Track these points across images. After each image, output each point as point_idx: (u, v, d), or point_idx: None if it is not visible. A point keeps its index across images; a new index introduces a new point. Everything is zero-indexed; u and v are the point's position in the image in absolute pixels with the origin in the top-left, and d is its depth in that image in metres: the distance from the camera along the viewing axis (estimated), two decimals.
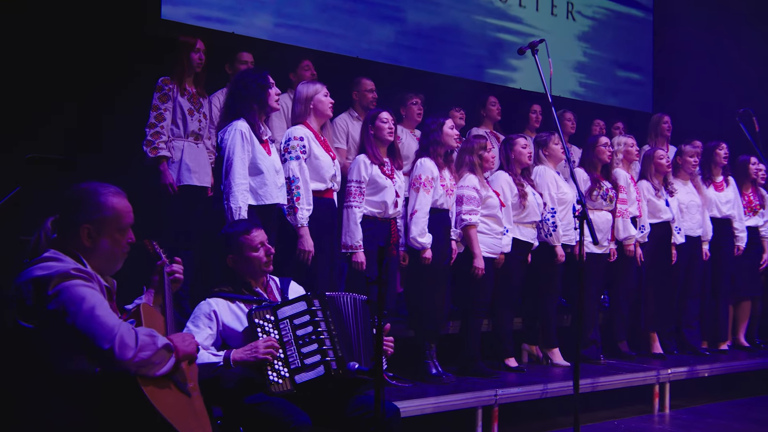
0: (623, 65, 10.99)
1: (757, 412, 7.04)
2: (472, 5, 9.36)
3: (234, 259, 4.04)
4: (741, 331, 8.46)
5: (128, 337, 2.84)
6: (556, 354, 6.95)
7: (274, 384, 3.73)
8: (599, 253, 7.08)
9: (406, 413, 5.03)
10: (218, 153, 5.03)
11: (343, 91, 6.96)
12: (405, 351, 6.02)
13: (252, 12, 7.58)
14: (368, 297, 3.94)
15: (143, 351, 2.87)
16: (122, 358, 2.81)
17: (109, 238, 3.03)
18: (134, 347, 2.84)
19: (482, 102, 8.09)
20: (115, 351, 2.80)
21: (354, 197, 5.61)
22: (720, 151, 8.02)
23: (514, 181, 6.55)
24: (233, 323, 3.93)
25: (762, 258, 8.43)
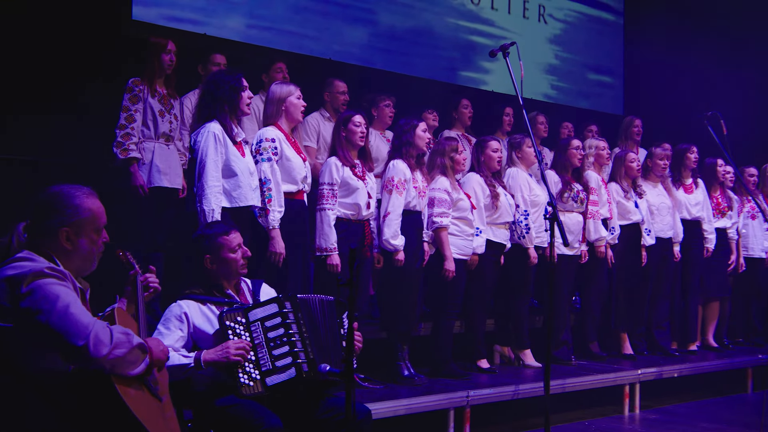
0: (594, 68, 11.07)
1: (726, 412, 7.11)
2: (445, 8, 9.39)
3: (211, 259, 4.02)
4: (710, 332, 8.54)
5: (103, 334, 2.83)
6: (528, 355, 6.99)
7: (245, 386, 3.72)
8: (570, 255, 7.13)
9: (377, 415, 5.03)
10: (191, 155, 4.99)
11: (315, 93, 6.96)
12: (377, 353, 6.04)
13: (224, 13, 7.55)
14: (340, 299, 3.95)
15: (118, 348, 2.86)
16: (97, 354, 2.80)
17: (87, 239, 3.04)
18: (109, 344, 2.83)
19: (454, 104, 8.11)
20: (90, 348, 2.79)
21: (327, 200, 5.60)
22: (690, 154, 8.09)
23: (486, 182, 6.57)
24: (204, 325, 3.91)
25: (730, 259, 8.52)
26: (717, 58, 10.15)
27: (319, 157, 6.71)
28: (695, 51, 10.37)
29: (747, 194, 8.48)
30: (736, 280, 8.79)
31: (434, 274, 6.25)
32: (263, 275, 4.82)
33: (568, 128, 8.89)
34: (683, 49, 10.46)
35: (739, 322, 9.07)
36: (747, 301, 9.04)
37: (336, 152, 5.72)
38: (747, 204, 8.75)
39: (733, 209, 8.56)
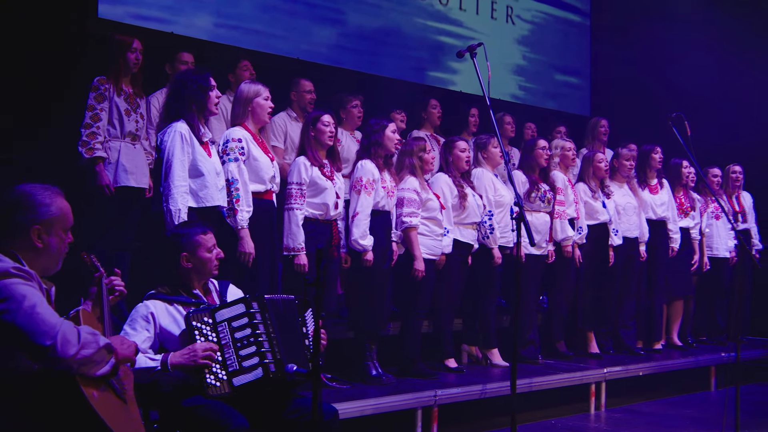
0: (562, 69, 11.15)
1: (690, 409, 7.20)
2: (413, 8, 9.40)
3: (187, 257, 4.00)
4: (674, 331, 8.63)
5: (70, 334, 2.82)
6: (495, 354, 7.02)
7: (212, 387, 3.71)
8: (538, 255, 7.17)
9: (345, 415, 5.03)
10: (157, 154, 4.96)
11: (283, 93, 6.94)
12: (345, 352, 6.05)
13: (191, 12, 7.51)
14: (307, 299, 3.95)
15: (85, 348, 2.84)
16: (64, 354, 2.78)
17: (57, 237, 3.02)
18: (76, 344, 2.81)
19: (423, 104, 8.13)
20: (57, 347, 2.77)
21: (295, 199, 5.59)
22: (655, 154, 8.17)
23: (454, 182, 6.59)
24: (171, 326, 3.89)
25: (693, 259, 8.62)
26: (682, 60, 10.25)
27: (286, 157, 6.69)
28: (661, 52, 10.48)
29: (711, 195, 8.58)
30: (700, 279, 8.90)
31: (403, 274, 6.25)
32: (231, 276, 4.80)
33: (531, 128, 8.95)
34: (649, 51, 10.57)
35: (703, 321, 9.18)
36: (711, 300, 9.16)
37: (305, 152, 5.71)
38: (711, 204, 8.85)
39: (696, 210, 8.66)
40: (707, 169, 8.82)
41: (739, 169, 9.14)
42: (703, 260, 8.77)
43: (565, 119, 9.81)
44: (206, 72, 5.01)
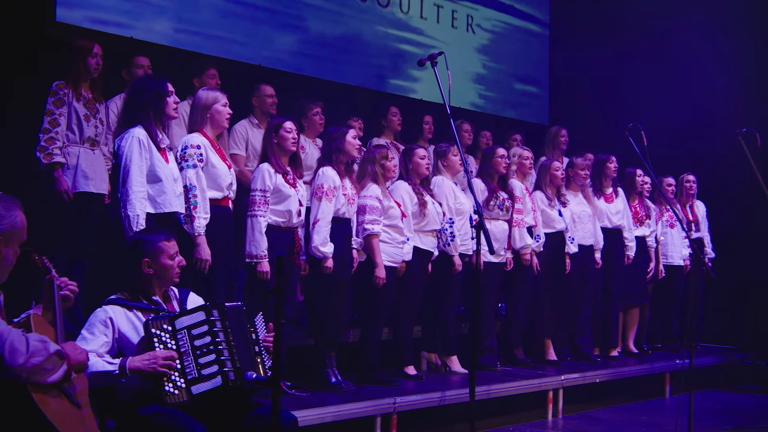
0: (521, 78, 11.25)
1: (645, 416, 7.28)
2: (375, 16, 9.43)
3: (149, 263, 3.97)
4: (630, 338, 8.71)
5: (18, 343, 2.78)
6: (455, 362, 7.04)
7: (170, 395, 3.67)
8: (496, 263, 7.21)
9: (304, 422, 5.02)
10: (115, 160, 4.91)
11: (244, 99, 6.92)
12: (305, 360, 6.03)
13: (151, 17, 7.45)
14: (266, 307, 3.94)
15: (34, 357, 2.81)
16: (12, 363, 2.75)
17: (12, 250, 2.98)
18: (25, 353, 2.79)
19: (383, 112, 8.14)
20: (5, 357, 2.74)
21: (259, 206, 5.56)
22: (610, 164, 8.26)
23: (414, 190, 6.61)
24: (130, 332, 3.86)
25: (649, 267, 8.72)
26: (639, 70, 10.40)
27: (248, 165, 6.66)
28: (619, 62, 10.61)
29: (665, 203, 8.69)
30: (655, 287, 9.00)
31: (363, 281, 6.26)
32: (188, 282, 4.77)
33: (487, 137, 8.99)
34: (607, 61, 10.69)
35: (658, 329, 9.29)
36: (666, 307, 9.26)
37: (268, 159, 5.69)
38: (666, 213, 8.97)
39: (652, 218, 8.77)
40: (662, 178, 8.92)
41: (693, 178, 9.27)
42: (658, 268, 8.86)
43: (524, 128, 9.89)
44: (163, 78, 4.98)
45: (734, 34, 9.62)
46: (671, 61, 10.36)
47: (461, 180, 7.31)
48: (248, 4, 8.21)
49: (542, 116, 11.41)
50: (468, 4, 10.55)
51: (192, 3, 7.77)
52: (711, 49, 10.04)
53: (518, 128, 9.65)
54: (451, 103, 4.90)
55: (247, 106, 6.95)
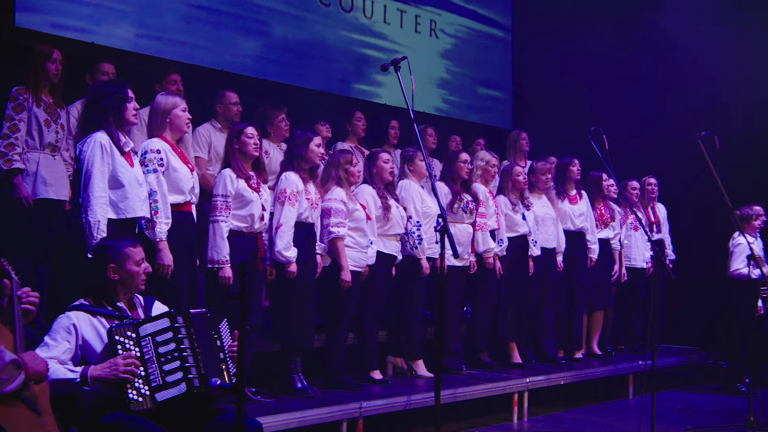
0: (484, 83, 11.30)
1: (609, 417, 7.34)
2: (338, 20, 9.42)
3: (114, 269, 3.93)
4: (594, 340, 8.77)
5: None
6: (420, 366, 7.05)
7: (134, 402, 3.65)
8: (460, 266, 7.23)
9: (269, 428, 5.01)
10: (76, 165, 4.86)
11: (207, 104, 6.89)
12: (270, 365, 6.01)
13: (113, 21, 7.39)
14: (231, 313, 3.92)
15: None
16: None
17: None
18: None
19: (348, 117, 8.14)
20: None
21: (220, 212, 5.54)
22: (572, 167, 8.33)
23: (378, 194, 6.62)
24: (93, 339, 3.82)
25: (613, 269, 8.79)
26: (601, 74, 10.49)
27: (210, 169, 6.63)
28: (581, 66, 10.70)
29: (629, 207, 8.77)
30: (618, 289, 9.08)
31: (327, 286, 6.25)
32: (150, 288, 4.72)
33: (456, 141, 9.04)
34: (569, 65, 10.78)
35: (621, 330, 9.37)
36: (628, 309, 9.36)
37: (230, 164, 5.67)
38: (630, 216, 9.05)
39: (616, 220, 8.84)
40: (625, 182, 9.01)
41: (654, 181, 9.38)
42: (621, 271, 8.95)
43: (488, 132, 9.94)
44: (123, 83, 4.94)
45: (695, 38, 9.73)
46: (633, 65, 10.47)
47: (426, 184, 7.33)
48: (211, 9, 8.17)
49: (505, 120, 11.48)
50: (431, 9, 10.59)
51: (154, 8, 7.72)
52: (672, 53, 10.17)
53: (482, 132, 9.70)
54: (415, 107, 4.92)
55: (210, 111, 6.91)
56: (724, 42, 9.53)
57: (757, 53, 9.48)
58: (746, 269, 7.81)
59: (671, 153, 9.33)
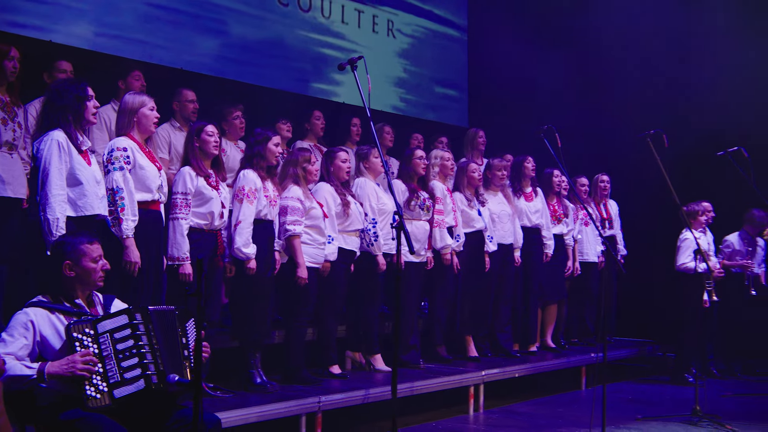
0: (441, 82, 11.35)
1: (562, 408, 7.42)
2: (296, 20, 9.41)
3: (71, 266, 3.90)
4: (548, 334, 8.87)
5: None
6: (378, 360, 7.08)
7: (92, 399, 3.62)
8: (417, 262, 7.26)
9: (229, 423, 5.00)
10: (34, 163, 4.81)
11: (166, 103, 6.84)
12: (229, 361, 5.99)
13: (71, 20, 7.32)
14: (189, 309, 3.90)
15: None
16: None
17: None
18: None
19: (307, 116, 8.13)
20: None
21: (180, 209, 5.53)
22: (527, 164, 8.40)
23: (337, 191, 6.63)
24: (51, 336, 3.78)
25: (566, 264, 8.88)
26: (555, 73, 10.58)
27: (171, 168, 6.59)
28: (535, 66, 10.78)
29: (580, 203, 8.86)
30: (571, 283, 9.17)
31: (286, 282, 6.25)
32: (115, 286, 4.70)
33: (418, 139, 9.06)
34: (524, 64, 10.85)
35: (574, 324, 9.48)
36: (581, 303, 9.45)
37: (189, 162, 5.66)
38: (581, 212, 9.15)
39: (569, 216, 8.93)
40: (576, 178, 9.11)
41: (607, 178, 9.49)
42: (575, 266, 9.04)
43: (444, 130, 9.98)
44: (83, 81, 4.90)
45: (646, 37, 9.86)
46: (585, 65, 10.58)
47: (382, 181, 7.35)
48: (170, 8, 8.12)
49: (462, 119, 11.53)
50: (388, 9, 10.61)
51: (112, 7, 7.65)
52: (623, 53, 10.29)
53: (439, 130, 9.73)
54: (373, 106, 4.93)
55: (170, 110, 6.87)
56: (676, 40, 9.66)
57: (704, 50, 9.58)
58: (692, 263, 7.93)
59: (623, 151, 9.44)
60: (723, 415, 6.94)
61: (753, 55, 9.27)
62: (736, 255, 9.15)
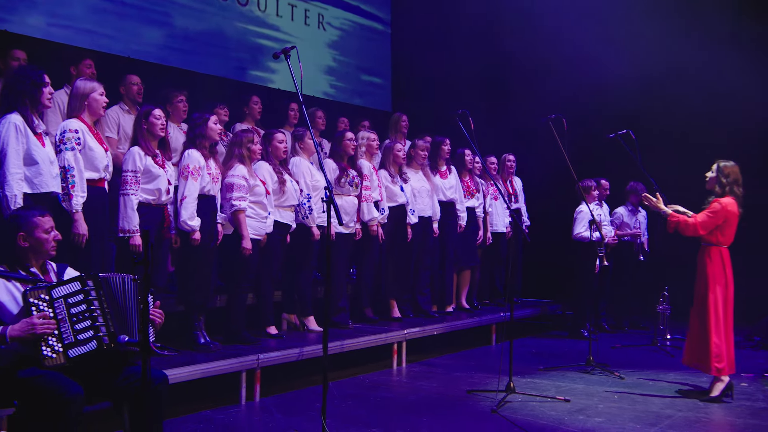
0: (366, 70, 11.36)
1: (474, 360, 7.56)
2: (235, 13, 9.30)
3: (24, 237, 3.84)
4: (463, 296, 8.98)
5: None
6: (311, 321, 7.09)
7: (48, 358, 3.58)
8: (347, 233, 7.29)
9: (175, 379, 4.97)
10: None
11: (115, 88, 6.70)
12: (175, 324, 5.94)
13: (25, 11, 7.12)
14: (137, 276, 3.87)
15: None
16: None
17: None
18: None
19: (245, 101, 8.05)
20: None
21: (130, 185, 5.49)
22: (444, 146, 8.46)
23: (274, 170, 6.60)
24: (9, 302, 3.73)
25: (479, 234, 9.01)
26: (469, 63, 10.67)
27: (119, 147, 6.48)
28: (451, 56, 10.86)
29: (490, 179, 8.97)
30: (483, 251, 9.30)
31: (228, 252, 6.21)
32: (66, 256, 4.62)
33: (344, 122, 9.06)
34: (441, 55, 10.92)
35: (486, 287, 9.62)
36: (491, 268, 9.61)
37: (138, 143, 5.62)
38: (491, 188, 9.27)
39: (480, 192, 9.05)
40: (486, 158, 9.22)
41: (513, 157, 9.62)
42: (486, 235, 9.17)
43: (370, 114, 10.00)
44: (40, 69, 4.83)
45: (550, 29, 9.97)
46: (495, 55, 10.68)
47: (316, 160, 7.33)
48: (117, 1, 7.94)
49: (385, 104, 11.57)
50: (319, 4, 10.55)
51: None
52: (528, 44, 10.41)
53: (365, 114, 9.74)
54: (306, 92, 4.93)
55: (117, 95, 6.73)
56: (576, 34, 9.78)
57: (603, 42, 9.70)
58: (587, 232, 8.14)
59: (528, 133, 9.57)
60: (612, 364, 7.16)
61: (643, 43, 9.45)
62: (625, 226, 9.41)
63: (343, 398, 5.90)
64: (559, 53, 10.23)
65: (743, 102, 8.90)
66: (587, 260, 8.19)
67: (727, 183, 5.97)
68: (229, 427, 5.09)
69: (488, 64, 10.68)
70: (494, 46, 10.66)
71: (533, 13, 10.17)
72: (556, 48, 10.23)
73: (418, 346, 7.62)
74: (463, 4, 10.99)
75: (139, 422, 3.76)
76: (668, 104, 9.53)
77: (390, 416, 5.40)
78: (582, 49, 9.91)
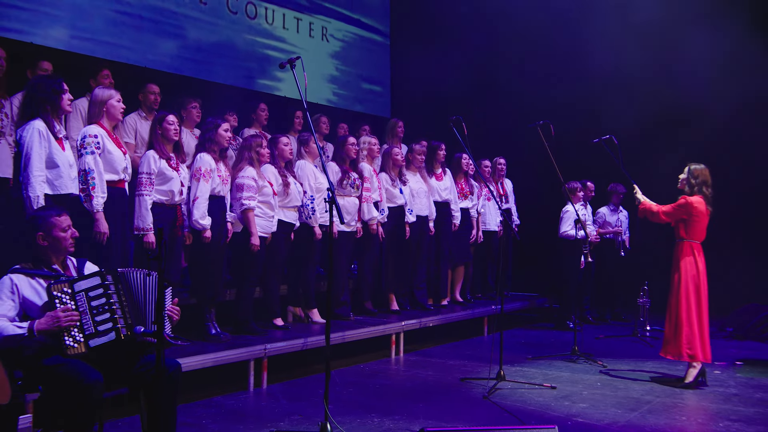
0: (367, 79, 11.37)
1: (467, 350, 7.59)
2: (244, 26, 9.33)
3: (43, 236, 3.87)
4: (457, 290, 9.00)
5: None
6: (315, 313, 7.12)
7: (70, 348, 3.62)
8: (348, 231, 7.31)
9: (188, 367, 5.02)
10: (17, 148, 4.73)
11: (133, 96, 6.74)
12: (188, 316, 5.97)
13: (48, 24, 7.16)
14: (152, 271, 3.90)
15: None
16: None
17: None
18: None
19: (253, 108, 8.07)
20: None
21: (145, 187, 5.51)
22: (440, 150, 8.47)
23: (279, 172, 6.62)
24: (33, 296, 3.77)
25: (472, 233, 9.03)
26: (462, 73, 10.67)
27: (137, 152, 6.51)
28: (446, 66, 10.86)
29: (483, 182, 9.00)
30: (476, 249, 9.33)
31: (237, 248, 6.24)
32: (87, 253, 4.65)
33: (344, 128, 9.07)
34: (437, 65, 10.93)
35: (478, 282, 9.64)
36: (484, 265, 9.63)
37: (153, 146, 5.63)
38: (484, 189, 9.29)
39: (474, 193, 9.07)
40: (480, 161, 9.24)
41: (503, 161, 9.63)
42: (478, 234, 9.19)
43: (370, 120, 10.01)
44: (59, 77, 4.85)
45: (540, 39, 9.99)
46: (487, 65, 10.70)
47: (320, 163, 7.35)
48: (134, 14, 7.99)
49: (384, 110, 11.58)
50: (322, 17, 10.57)
51: (84, 13, 7.52)
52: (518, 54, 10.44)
53: (365, 120, 9.75)
54: (310, 99, 4.95)
55: (136, 102, 6.77)
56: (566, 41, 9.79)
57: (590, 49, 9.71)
58: (573, 231, 8.17)
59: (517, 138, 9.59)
60: (596, 353, 7.20)
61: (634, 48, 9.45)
62: (607, 225, 9.44)
63: (345, 385, 5.94)
64: (551, 64, 10.27)
65: (714, 102, 8.90)
66: (573, 257, 8.24)
67: (696, 184, 6.08)
68: (238, 411, 5.12)
69: (481, 73, 10.69)
70: (486, 55, 10.69)
71: (523, 28, 10.18)
72: (547, 59, 10.27)
73: (415, 336, 7.64)
74: (457, 18, 11.01)
75: (154, 407, 3.79)
76: (652, 108, 9.51)
77: (388, 402, 5.43)
78: (570, 60, 9.95)
